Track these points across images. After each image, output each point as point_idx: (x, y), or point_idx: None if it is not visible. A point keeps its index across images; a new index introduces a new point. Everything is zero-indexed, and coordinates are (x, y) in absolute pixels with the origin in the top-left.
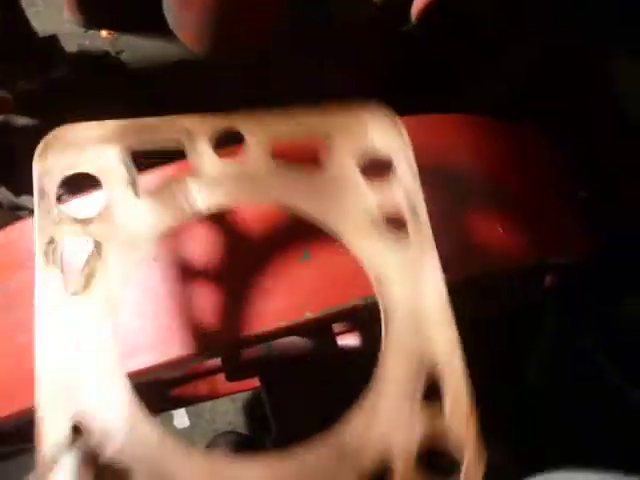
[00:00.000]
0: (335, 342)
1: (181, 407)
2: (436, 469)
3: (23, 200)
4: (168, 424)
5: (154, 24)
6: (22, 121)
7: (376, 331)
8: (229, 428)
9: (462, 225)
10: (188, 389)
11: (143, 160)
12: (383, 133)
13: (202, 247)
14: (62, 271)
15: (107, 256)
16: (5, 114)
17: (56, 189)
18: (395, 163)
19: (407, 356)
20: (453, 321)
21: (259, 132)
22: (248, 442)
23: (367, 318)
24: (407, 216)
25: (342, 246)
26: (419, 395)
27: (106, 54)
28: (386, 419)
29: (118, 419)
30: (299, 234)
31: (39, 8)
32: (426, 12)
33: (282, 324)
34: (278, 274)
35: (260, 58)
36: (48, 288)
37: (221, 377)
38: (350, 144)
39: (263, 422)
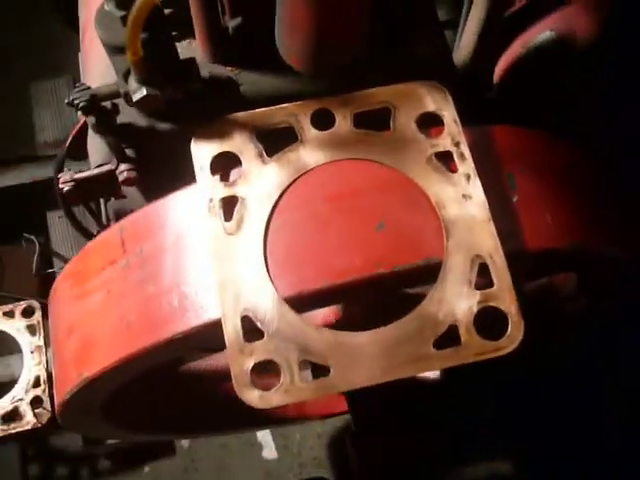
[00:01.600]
0: None
1: (270, 427)
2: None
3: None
4: (257, 454)
5: (271, 64)
6: (163, 126)
7: None
8: (314, 463)
9: (515, 210)
10: (278, 410)
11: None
12: (433, 99)
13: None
14: (221, 220)
15: (250, 206)
16: (155, 109)
17: (209, 165)
18: (444, 118)
19: (463, 253)
20: (494, 230)
21: (344, 109)
22: None
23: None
24: (454, 152)
25: (410, 215)
26: (474, 279)
27: (230, 79)
28: (451, 296)
29: (271, 311)
30: (376, 207)
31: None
32: (507, 75)
33: (357, 276)
34: (356, 238)
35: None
36: (212, 232)
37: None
38: (410, 110)
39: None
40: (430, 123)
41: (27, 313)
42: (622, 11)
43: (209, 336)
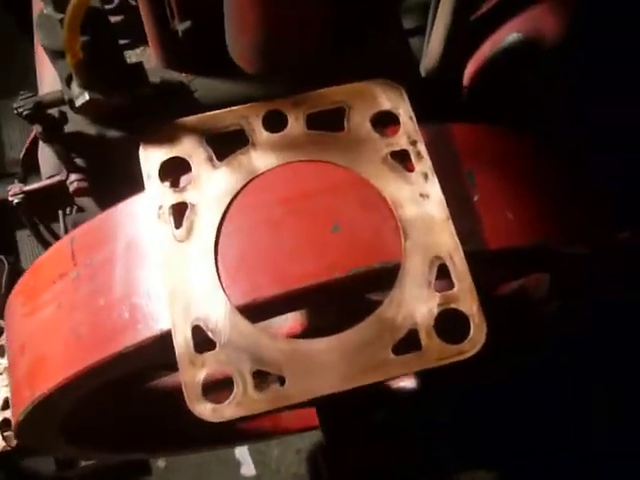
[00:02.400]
0: None
1: (246, 442)
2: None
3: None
4: (235, 472)
5: (224, 68)
6: (113, 134)
7: None
8: (294, 479)
9: (475, 209)
10: (253, 424)
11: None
12: (388, 97)
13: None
14: (171, 227)
15: (200, 212)
16: (101, 115)
17: (157, 171)
18: (399, 117)
19: (421, 255)
20: (453, 229)
21: (296, 110)
22: None
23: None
24: (410, 151)
25: (366, 217)
26: (433, 280)
27: (182, 84)
28: (410, 299)
29: (223, 321)
30: (331, 209)
31: (132, 59)
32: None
33: (313, 282)
34: (311, 242)
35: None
36: (162, 239)
37: (284, 414)
38: (364, 109)
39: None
40: (386, 122)
41: None
42: (587, 8)
43: (163, 349)
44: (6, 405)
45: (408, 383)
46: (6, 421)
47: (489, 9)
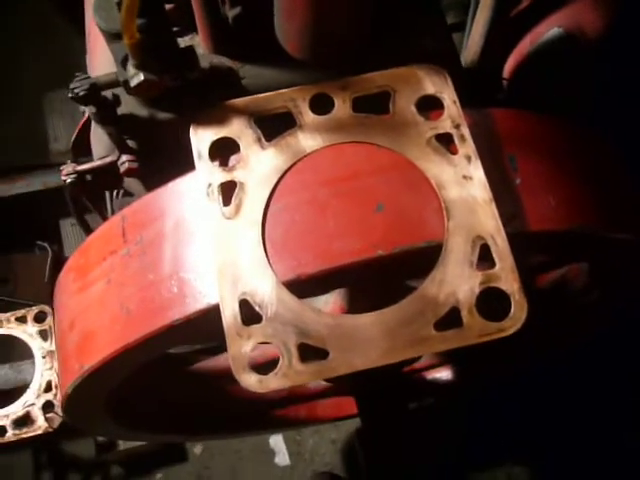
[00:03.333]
0: None
1: (280, 429)
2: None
3: None
4: (269, 461)
5: (272, 55)
6: (164, 116)
7: None
8: (327, 469)
9: (517, 192)
10: (289, 411)
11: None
12: (433, 82)
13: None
14: (219, 204)
15: (248, 191)
16: (154, 96)
17: (208, 151)
18: (443, 101)
19: (464, 235)
20: (496, 211)
21: (343, 93)
22: None
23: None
24: (454, 134)
25: (410, 197)
26: (475, 260)
27: (231, 70)
28: (452, 277)
29: (270, 295)
30: (375, 189)
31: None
32: (516, 73)
33: (356, 259)
34: (355, 220)
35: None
36: (211, 217)
37: (320, 403)
38: (409, 93)
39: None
40: (430, 106)
41: (39, 319)
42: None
43: (209, 322)
44: (48, 388)
45: (443, 374)
46: (49, 403)
47: (530, 3)
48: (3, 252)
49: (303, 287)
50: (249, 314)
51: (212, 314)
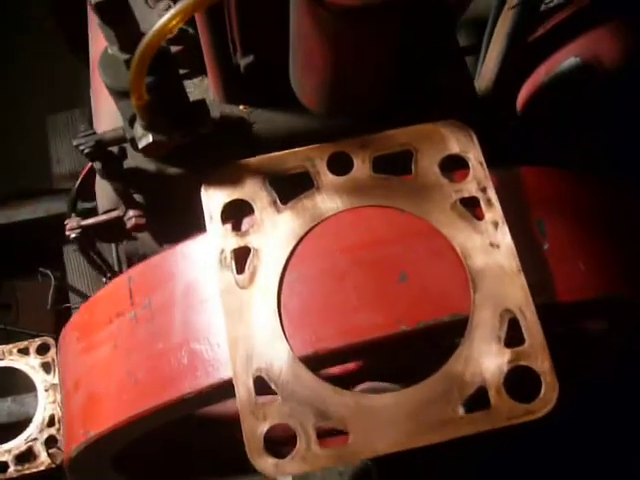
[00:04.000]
0: None
1: None
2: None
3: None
4: None
5: (285, 102)
6: (173, 171)
7: None
8: None
9: (546, 259)
10: None
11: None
12: (457, 140)
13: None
14: (232, 272)
15: (263, 258)
16: (161, 156)
17: (220, 213)
18: (469, 161)
19: (491, 308)
20: (525, 281)
21: (362, 152)
22: None
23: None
24: (480, 197)
25: (434, 266)
26: (503, 335)
27: (242, 120)
28: (479, 354)
29: (286, 371)
30: (397, 257)
31: (190, 89)
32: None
33: (378, 335)
34: (377, 292)
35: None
36: (224, 285)
37: (330, 440)
38: (433, 152)
39: None
40: (454, 166)
41: (42, 350)
42: None
43: (223, 394)
44: (51, 422)
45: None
46: (52, 438)
47: (546, 31)
48: (5, 279)
49: (321, 362)
50: (264, 390)
51: (224, 388)
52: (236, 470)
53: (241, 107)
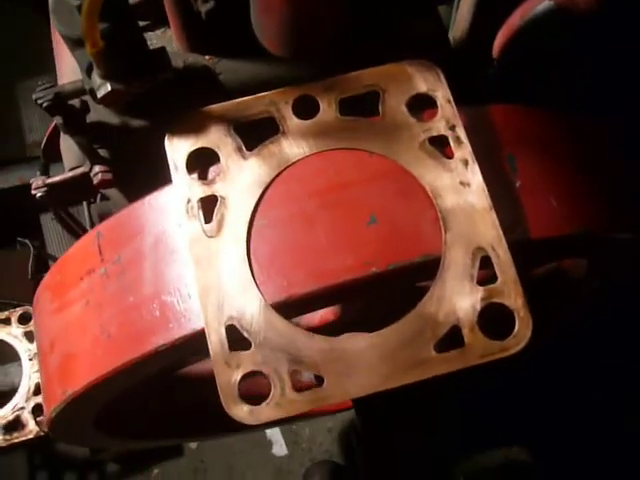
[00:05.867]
0: None
1: (276, 426)
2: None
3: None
4: (267, 452)
5: (250, 50)
6: (136, 123)
7: None
8: (325, 457)
9: (518, 196)
10: None
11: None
12: (425, 79)
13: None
14: (200, 221)
15: (231, 206)
16: (119, 106)
17: (185, 163)
18: (437, 100)
19: (463, 247)
20: (496, 219)
21: (328, 95)
22: (342, 471)
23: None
24: (449, 136)
25: (404, 207)
26: (475, 273)
27: (207, 68)
28: (452, 293)
29: (258, 319)
30: (367, 200)
31: (153, 41)
32: (506, 49)
33: (350, 277)
34: (347, 235)
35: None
36: (192, 235)
37: None
38: (399, 92)
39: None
40: (422, 105)
41: (24, 319)
42: None
43: (196, 346)
44: (37, 391)
45: None
46: (39, 406)
47: None
48: None
49: (293, 308)
50: (237, 339)
51: (198, 339)
52: (222, 427)
53: (206, 58)
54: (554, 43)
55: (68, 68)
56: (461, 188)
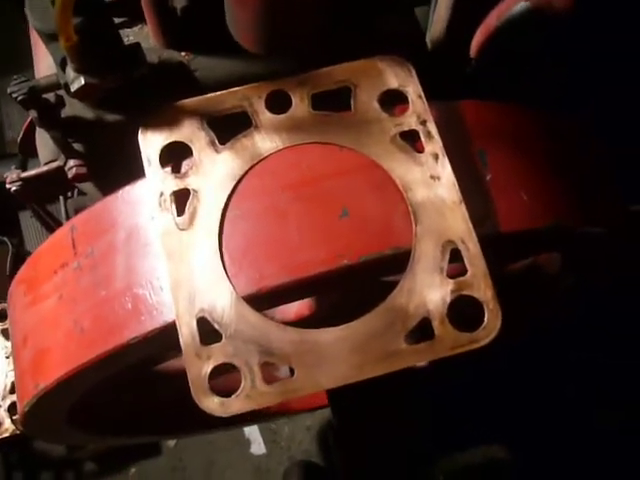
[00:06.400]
0: None
1: (256, 423)
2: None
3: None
4: (245, 451)
5: (225, 47)
6: (111, 117)
7: None
8: (304, 456)
9: (488, 190)
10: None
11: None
12: (396, 75)
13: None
14: (172, 215)
15: (203, 199)
16: (94, 100)
17: (158, 156)
18: (408, 95)
19: (433, 240)
20: (466, 212)
21: (300, 90)
22: (321, 471)
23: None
24: (420, 130)
25: (375, 201)
26: (445, 266)
27: (182, 64)
28: (422, 286)
29: (229, 311)
30: (339, 193)
31: (129, 38)
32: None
33: (321, 270)
34: (319, 228)
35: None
36: (164, 228)
37: None
38: (371, 87)
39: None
40: (394, 101)
41: (1, 317)
42: None
43: (168, 339)
44: (14, 389)
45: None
46: (15, 405)
47: None
48: None
49: (265, 301)
50: (208, 332)
51: (169, 331)
52: (200, 424)
53: (182, 54)
54: (530, 43)
55: (45, 64)
56: (431, 182)
